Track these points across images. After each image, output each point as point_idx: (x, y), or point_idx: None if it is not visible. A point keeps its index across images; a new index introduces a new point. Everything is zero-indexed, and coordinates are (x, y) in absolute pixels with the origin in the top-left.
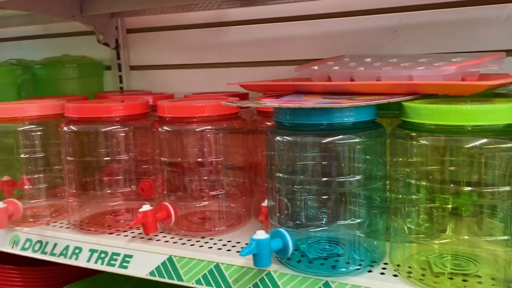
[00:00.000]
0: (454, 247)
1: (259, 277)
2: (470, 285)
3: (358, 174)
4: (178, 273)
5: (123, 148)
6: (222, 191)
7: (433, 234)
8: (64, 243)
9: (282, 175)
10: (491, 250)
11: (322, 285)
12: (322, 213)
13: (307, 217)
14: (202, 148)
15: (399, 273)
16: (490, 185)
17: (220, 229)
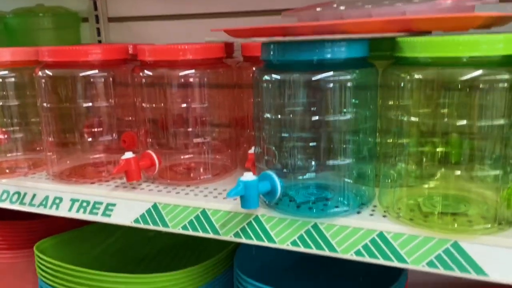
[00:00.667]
0: (444, 190)
1: (246, 221)
2: (460, 224)
3: (348, 114)
4: (163, 220)
5: (102, 95)
6: (207, 139)
7: (423, 177)
8: (43, 193)
9: (270, 116)
10: (481, 191)
11: (310, 227)
12: (311, 158)
13: (295, 163)
14: (186, 94)
15: (388, 214)
16: (484, 119)
17: (205, 178)
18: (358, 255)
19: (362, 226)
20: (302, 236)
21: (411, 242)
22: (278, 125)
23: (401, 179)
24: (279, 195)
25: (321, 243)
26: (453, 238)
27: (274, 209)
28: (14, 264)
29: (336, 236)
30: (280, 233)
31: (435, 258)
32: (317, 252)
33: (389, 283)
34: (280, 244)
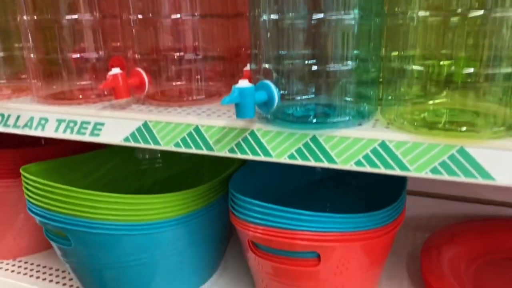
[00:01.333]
0: (450, 105)
1: (241, 136)
2: (467, 130)
3: (353, 7)
4: (154, 138)
5: (86, 7)
6: (199, 55)
7: (428, 94)
8: (28, 114)
9: (266, 17)
10: (489, 105)
11: (309, 139)
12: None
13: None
14: (176, 2)
15: (391, 125)
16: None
17: (198, 99)
18: (358, 165)
19: (363, 136)
20: (300, 149)
21: (415, 150)
22: (276, 27)
23: (406, 95)
24: (276, 104)
25: (320, 155)
26: (459, 143)
27: (271, 123)
28: (4, 193)
29: (335, 148)
30: (277, 147)
31: (439, 164)
32: (315, 164)
33: (392, 201)
34: (277, 158)
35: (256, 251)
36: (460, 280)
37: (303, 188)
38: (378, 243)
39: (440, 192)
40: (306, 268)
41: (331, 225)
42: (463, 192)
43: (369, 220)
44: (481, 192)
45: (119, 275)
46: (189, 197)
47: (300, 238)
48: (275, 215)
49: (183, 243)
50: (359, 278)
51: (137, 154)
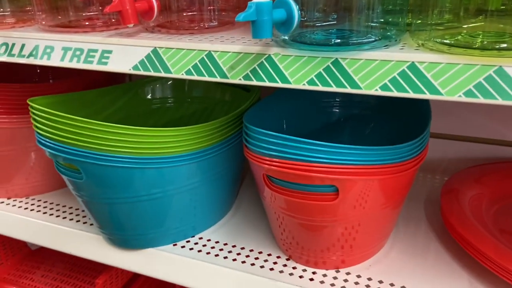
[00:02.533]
0: (486, 28)
1: (257, 61)
2: (506, 49)
3: None
4: (165, 65)
5: None
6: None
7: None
8: (33, 43)
9: None
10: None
11: (330, 63)
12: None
13: (314, 7)
14: None
15: (421, 47)
16: None
17: (211, 26)
18: (384, 89)
19: (391, 58)
20: (320, 74)
21: (448, 72)
22: None
23: (437, 21)
24: (296, 24)
25: (342, 80)
26: (497, 63)
27: (289, 47)
28: (13, 130)
29: (359, 71)
30: (296, 73)
31: (474, 86)
32: (337, 89)
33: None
34: (296, 84)
35: (271, 186)
36: (482, 221)
37: (319, 130)
38: (398, 180)
39: (460, 134)
40: (323, 202)
41: (350, 157)
42: (483, 133)
43: (390, 154)
44: (503, 132)
45: (131, 210)
46: (202, 131)
47: (317, 170)
48: (291, 147)
49: (196, 180)
50: (376, 216)
51: (148, 92)
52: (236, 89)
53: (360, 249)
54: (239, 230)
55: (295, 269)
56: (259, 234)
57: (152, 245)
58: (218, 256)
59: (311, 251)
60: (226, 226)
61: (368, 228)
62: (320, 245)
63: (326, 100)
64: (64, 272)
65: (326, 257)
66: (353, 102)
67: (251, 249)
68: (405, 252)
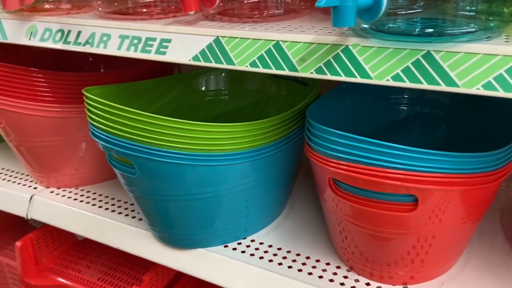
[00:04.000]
0: None
1: (332, 53)
2: None
3: None
4: (227, 56)
5: None
6: None
7: None
8: (89, 30)
9: None
10: None
11: (420, 56)
12: None
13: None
14: None
15: None
16: None
17: (277, 13)
18: (487, 89)
19: (496, 52)
20: (408, 69)
21: None
22: None
23: None
24: (383, 11)
25: (435, 76)
26: None
27: (370, 37)
28: (65, 120)
29: (457, 67)
30: (378, 67)
31: None
32: (428, 87)
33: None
34: (377, 80)
35: (337, 191)
36: None
37: (383, 129)
38: (482, 192)
39: None
40: (395, 213)
41: (430, 163)
42: None
43: (476, 162)
44: None
45: (181, 208)
46: (259, 128)
47: (392, 177)
48: (362, 149)
49: (250, 180)
50: (454, 230)
51: (202, 84)
52: (293, 83)
53: (432, 264)
54: (293, 234)
55: (358, 282)
56: (315, 240)
57: (202, 245)
58: (272, 262)
59: (376, 263)
60: (279, 229)
61: (443, 242)
62: (387, 258)
63: (393, 97)
64: (110, 265)
65: (393, 272)
66: (424, 99)
67: (307, 256)
68: (481, 269)
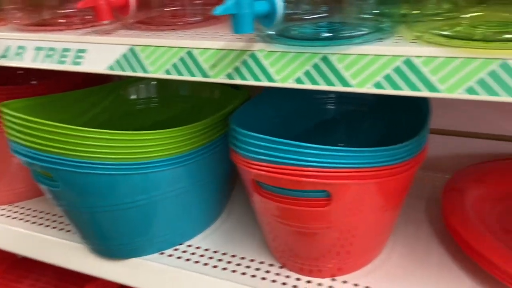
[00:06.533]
0: (489, 18)
1: (240, 58)
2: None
3: None
4: (142, 65)
5: None
6: None
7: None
8: (4, 43)
9: None
10: None
11: (319, 59)
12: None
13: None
14: None
15: (418, 40)
16: None
17: (195, 21)
18: (377, 87)
19: (384, 52)
20: (308, 72)
21: (447, 66)
22: None
23: (436, 10)
24: (279, 15)
25: (332, 77)
26: (501, 56)
27: (275, 43)
28: None
29: (350, 68)
30: (282, 70)
31: (477, 82)
32: (326, 88)
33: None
34: (282, 83)
35: (261, 192)
36: (485, 222)
37: (313, 129)
38: (396, 182)
39: (462, 129)
40: (315, 208)
41: (342, 160)
42: (487, 129)
43: (385, 155)
44: (507, 128)
45: (114, 218)
46: (186, 134)
47: (308, 175)
48: (280, 150)
49: (183, 185)
50: (374, 220)
51: (132, 92)
52: (226, 87)
53: (358, 255)
54: (231, 236)
55: (289, 278)
56: (252, 241)
57: (138, 254)
58: (207, 265)
59: (305, 258)
60: (217, 232)
61: (366, 232)
62: (314, 252)
63: (319, 97)
64: (53, 282)
65: (321, 265)
66: (348, 98)
67: (243, 256)
68: (406, 257)
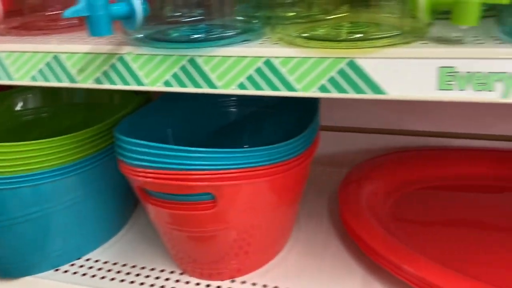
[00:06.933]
0: (352, 19)
1: (109, 62)
2: (358, 40)
3: None
4: (7, 72)
5: None
6: None
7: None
8: None
9: None
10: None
11: (186, 61)
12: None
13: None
14: None
15: (281, 42)
16: None
17: (71, 24)
18: (241, 88)
19: (246, 54)
20: (176, 75)
21: (302, 66)
22: None
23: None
24: (140, 19)
25: (199, 79)
26: (349, 56)
27: (143, 46)
28: None
29: (216, 70)
30: (150, 73)
31: (329, 81)
32: (194, 90)
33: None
34: (151, 86)
35: (149, 199)
36: (377, 214)
37: (218, 132)
38: (285, 179)
39: (362, 126)
40: (204, 211)
41: (225, 161)
42: (382, 124)
43: (265, 155)
44: (399, 123)
45: (5, 234)
46: (72, 142)
47: (191, 179)
48: (163, 155)
49: (76, 195)
50: (270, 219)
51: (19, 103)
52: (127, 92)
53: (257, 254)
54: (133, 247)
55: (188, 284)
56: (154, 250)
57: (31, 272)
58: (105, 278)
59: (203, 263)
60: (118, 244)
61: (263, 231)
62: (211, 255)
63: (221, 100)
64: None
65: (220, 268)
66: (250, 100)
67: (143, 266)
68: (305, 253)
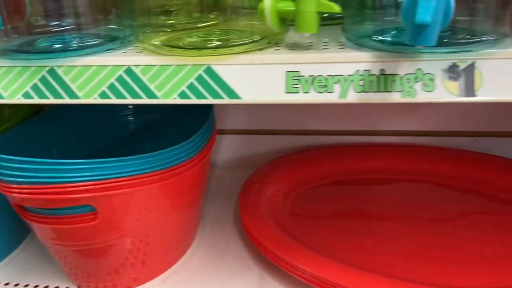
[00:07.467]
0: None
1: None
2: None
3: None
4: None
5: None
6: None
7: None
8: None
9: None
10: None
11: (46, 72)
12: None
13: None
14: None
15: (145, 50)
16: None
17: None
18: (103, 97)
19: (108, 63)
20: (36, 86)
21: (162, 74)
22: None
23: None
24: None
25: (60, 90)
26: (207, 62)
27: (5, 57)
28: None
29: (77, 80)
30: (10, 85)
31: (188, 87)
32: (55, 101)
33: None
34: (10, 99)
35: (27, 216)
36: (278, 215)
37: (119, 143)
38: (174, 185)
39: (265, 128)
40: (88, 223)
41: (102, 171)
42: (286, 125)
43: (143, 163)
44: (303, 123)
45: None
46: None
47: (65, 191)
48: (38, 170)
49: None
50: (165, 224)
51: None
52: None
53: (155, 262)
54: (28, 267)
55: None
56: (50, 268)
57: None
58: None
59: (98, 276)
60: (13, 263)
61: (160, 238)
62: (104, 268)
63: (118, 109)
64: None
65: (115, 279)
66: (148, 107)
67: (36, 285)
68: (206, 257)
